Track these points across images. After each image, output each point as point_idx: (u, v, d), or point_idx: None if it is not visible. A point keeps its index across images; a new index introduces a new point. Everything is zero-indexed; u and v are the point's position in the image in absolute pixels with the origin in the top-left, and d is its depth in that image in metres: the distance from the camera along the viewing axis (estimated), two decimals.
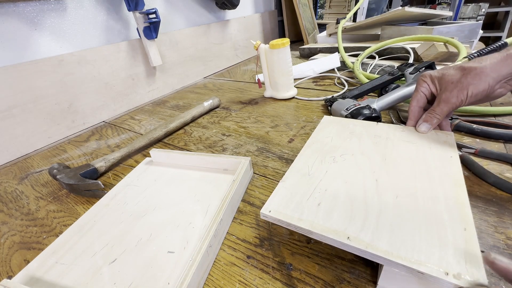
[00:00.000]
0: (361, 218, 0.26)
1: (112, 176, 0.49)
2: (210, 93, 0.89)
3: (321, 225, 0.25)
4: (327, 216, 0.26)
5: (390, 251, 0.22)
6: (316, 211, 0.27)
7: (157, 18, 0.75)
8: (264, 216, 0.28)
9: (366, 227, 0.25)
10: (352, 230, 0.25)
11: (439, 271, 0.20)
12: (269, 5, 1.42)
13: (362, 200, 0.28)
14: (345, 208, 0.27)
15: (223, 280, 0.29)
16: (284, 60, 0.68)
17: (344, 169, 0.33)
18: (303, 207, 0.28)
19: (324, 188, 0.30)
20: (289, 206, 0.28)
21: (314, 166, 0.34)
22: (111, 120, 0.77)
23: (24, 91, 0.60)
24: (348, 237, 0.24)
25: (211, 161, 0.45)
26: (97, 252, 0.32)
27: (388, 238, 0.23)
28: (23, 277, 0.30)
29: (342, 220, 0.26)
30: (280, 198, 0.29)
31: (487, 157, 0.40)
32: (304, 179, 0.32)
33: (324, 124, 0.44)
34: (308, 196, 0.29)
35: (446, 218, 0.24)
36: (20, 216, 0.42)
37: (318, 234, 0.25)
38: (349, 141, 0.38)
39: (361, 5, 1.81)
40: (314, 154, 0.36)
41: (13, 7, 0.57)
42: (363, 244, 0.23)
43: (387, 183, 0.30)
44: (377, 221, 0.25)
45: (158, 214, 0.37)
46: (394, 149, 0.35)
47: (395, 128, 0.40)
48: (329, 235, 0.24)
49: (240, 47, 1.25)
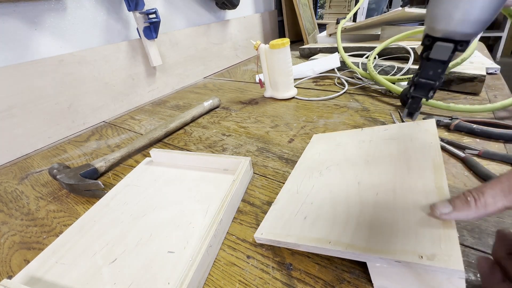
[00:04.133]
0: (342, 222, 0.26)
1: (112, 176, 0.49)
2: (210, 93, 0.89)
3: (306, 236, 0.26)
4: (312, 227, 0.27)
5: (367, 247, 0.23)
6: (302, 225, 0.28)
7: (157, 18, 0.75)
8: (258, 239, 0.29)
9: (347, 229, 0.25)
10: (334, 235, 0.25)
11: (413, 256, 0.20)
12: (269, 5, 1.42)
13: (345, 205, 0.28)
14: (328, 216, 0.28)
15: (223, 280, 0.29)
16: (284, 60, 0.68)
17: (329, 180, 0.34)
18: (291, 224, 0.29)
19: (310, 201, 0.31)
20: (278, 225, 0.29)
21: (303, 183, 0.35)
22: (111, 120, 0.77)
23: (24, 91, 0.60)
24: (330, 241, 0.24)
25: (211, 161, 0.45)
26: (97, 252, 0.32)
27: (368, 236, 0.24)
28: (23, 277, 0.30)
29: (325, 227, 0.26)
30: (272, 219, 0.31)
31: (491, 158, 0.40)
32: (293, 198, 0.33)
33: (313, 142, 0.45)
34: (296, 212, 0.30)
35: (424, 204, 0.25)
36: (20, 216, 0.42)
37: (303, 245, 0.26)
38: (335, 152, 0.39)
39: (361, 5, 1.81)
40: (302, 172, 0.37)
41: (13, 7, 0.57)
42: (343, 246, 0.24)
43: (368, 183, 0.30)
44: (357, 221, 0.26)
45: (158, 214, 0.37)
46: (376, 149, 0.36)
47: (378, 129, 0.41)
48: (312, 244, 0.25)
49: (240, 47, 1.25)
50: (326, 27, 1.23)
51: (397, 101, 0.63)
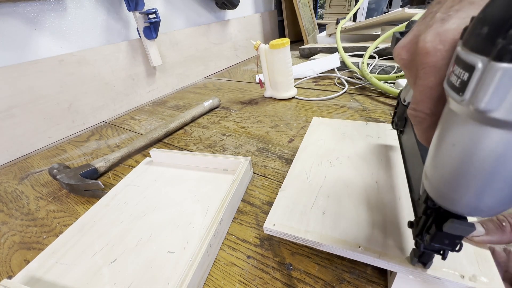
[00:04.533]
0: (369, 225, 0.25)
1: (112, 176, 0.49)
2: (210, 93, 0.89)
3: (329, 236, 0.24)
4: (335, 226, 0.25)
5: (403, 258, 0.21)
6: (322, 221, 0.26)
7: (157, 18, 0.75)
8: (268, 230, 0.26)
9: (376, 235, 0.24)
10: (362, 239, 0.23)
11: (455, 274, 0.20)
12: (269, 5, 1.42)
13: (367, 206, 0.27)
14: (351, 216, 0.26)
15: (223, 280, 0.29)
16: (284, 60, 0.68)
17: (342, 172, 0.32)
18: (308, 218, 0.26)
19: (326, 194, 0.29)
20: (293, 218, 0.27)
21: (312, 171, 0.33)
22: (111, 120, 0.77)
23: (24, 91, 0.60)
24: (360, 246, 0.23)
25: (211, 161, 0.45)
26: (97, 252, 0.32)
27: (400, 245, 0.22)
28: (23, 277, 0.30)
29: (351, 229, 0.25)
30: (282, 209, 0.28)
31: None
32: (304, 186, 0.31)
33: (314, 126, 0.44)
34: (311, 205, 0.28)
35: None
36: (20, 216, 0.42)
37: (327, 245, 0.24)
38: (343, 142, 0.38)
39: (361, 5, 1.81)
40: (310, 158, 0.36)
41: (13, 7, 0.57)
42: (376, 254, 0.22)
43: (387, 185, 0.29)
44: (384, 226, 0.24)
45: (158, 214, 0.37)
46: (387, 149, 0.35)
47: (384, 127, 0.40)
48: (339, 246, 0.23)
49: (240, 47, 1.25)
50: (326, 27, 1.23)
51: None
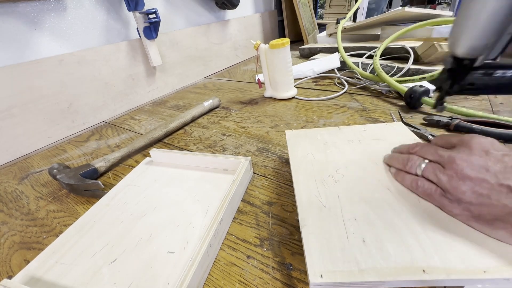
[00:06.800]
0: (413, 240, 0.23)
1: (112, 176, 0.49)
2: (210, 93, 0.89)
3: (387, 268, 0.21)
4: (382, 252, 0.22)
5: (469, 269, 0.20)
6: (367, 251, 0.23)
7: (157, 18, 0.75)
8: (317, 285, 0.22)
9: (426, 249, 0.22)
10: (419, 259, 0.21)
11: None
12: (269, 5, 1.42)
13: (397, 218, 0.25)
14: (392, 236, 0.23)
15: (223, 280, 0.29)
16: (284, 60, 0.68)
17: (350, 186, 0.31)
18: (352, 252, 0.23)
19: (352, 217, 0.26)
20: (336, 259, 0.23)
21: (321, 193, 0.30)
22: (111, 120, 0.77)
23: (24, 91, 0.60)
24: (423, 269, 0.21)
25: (211, 161, 0.45)
26: (97, 252, 0.32)
27: (455, 253, 0.21)
28: (23, 277, 0.30)
29: (401, 251, 0.22)
30: (318, 251, 0.24)
31: None
32: (323, 214, 0.27)
33: (292, 140, 0.41)
34: (345, 234, 0.25)
35: None
36: (20, 216, 0.42)
37: (393, 281, 0.21)
38: (331, 152, 0.37)
39: (361, 5, 1.81)
40: (310, 178, 0.33)
41: (13, 7, 0.57)
42: (442, 272, 0.20)
43: (399, 189, 0.29)
44: (427, 236, 0.23)
45: (158, 214, 0.37)
46: (374, 151, 0.35)
47: (358, 129, 0.41)
48: (404, 278, 0.20)
49: (240, 47, 1.25)
50: (326, 27, 1.23)
51: (397, 101, 0.63)
